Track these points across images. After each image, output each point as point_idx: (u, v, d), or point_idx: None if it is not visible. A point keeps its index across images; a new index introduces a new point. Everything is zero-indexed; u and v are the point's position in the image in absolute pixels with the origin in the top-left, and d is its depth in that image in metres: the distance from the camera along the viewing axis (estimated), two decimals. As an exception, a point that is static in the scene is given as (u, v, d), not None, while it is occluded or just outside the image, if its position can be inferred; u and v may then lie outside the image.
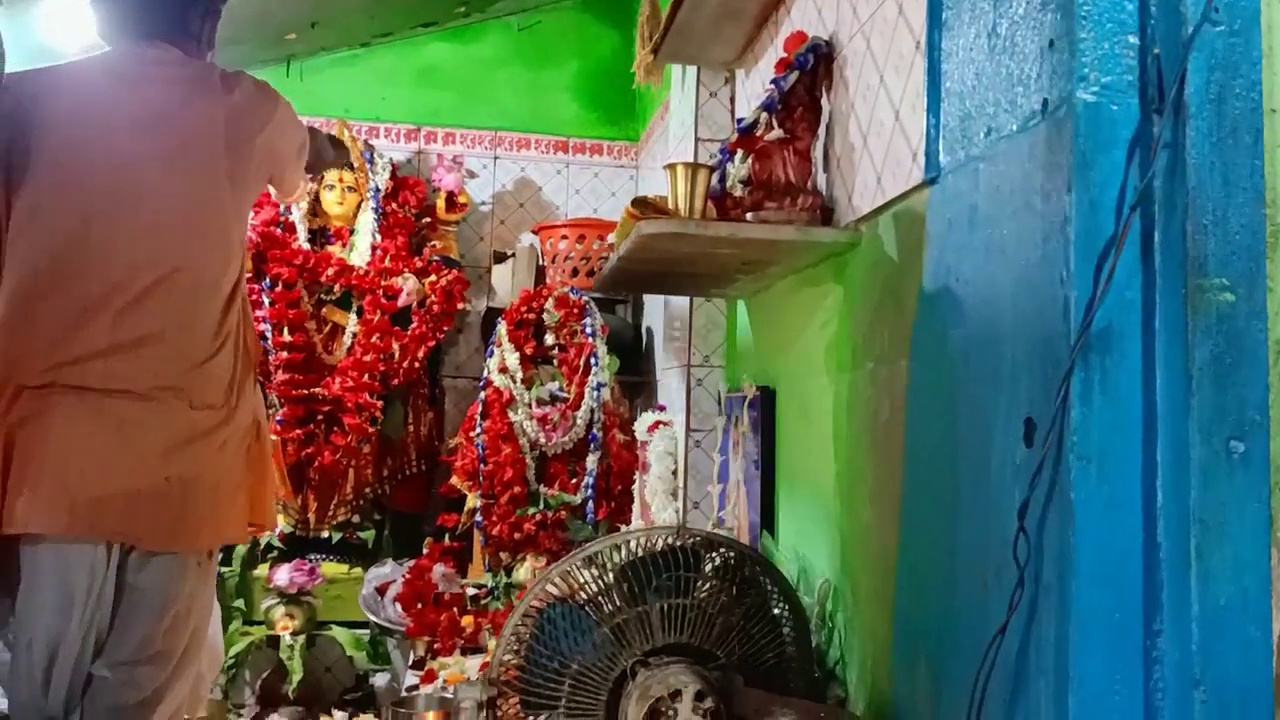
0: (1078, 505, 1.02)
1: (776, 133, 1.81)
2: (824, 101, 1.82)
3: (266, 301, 3.63)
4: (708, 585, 1.64)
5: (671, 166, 1.73)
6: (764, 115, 1.83)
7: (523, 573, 3.42)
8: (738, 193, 1.90)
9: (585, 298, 3.68)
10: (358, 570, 3.65)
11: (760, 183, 1.77)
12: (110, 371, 1.70)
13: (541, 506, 3.47)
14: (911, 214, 1.48)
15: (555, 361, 3.69)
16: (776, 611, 1.68)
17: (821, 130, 1.83)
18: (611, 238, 2.11)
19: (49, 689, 1.69)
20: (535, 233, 4.15)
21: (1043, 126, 1.11)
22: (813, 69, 1.78)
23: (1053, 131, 1.09)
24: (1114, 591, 1.02)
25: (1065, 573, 1.03)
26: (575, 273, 3.89)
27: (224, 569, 3.52)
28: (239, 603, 3.50)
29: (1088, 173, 1.04)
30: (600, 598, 1.64)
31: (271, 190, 2.18)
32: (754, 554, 1.73)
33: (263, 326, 3.63)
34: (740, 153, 1.93)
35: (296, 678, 3.31)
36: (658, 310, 3.70)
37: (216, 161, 1.84)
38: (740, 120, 1.90)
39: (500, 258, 4.23)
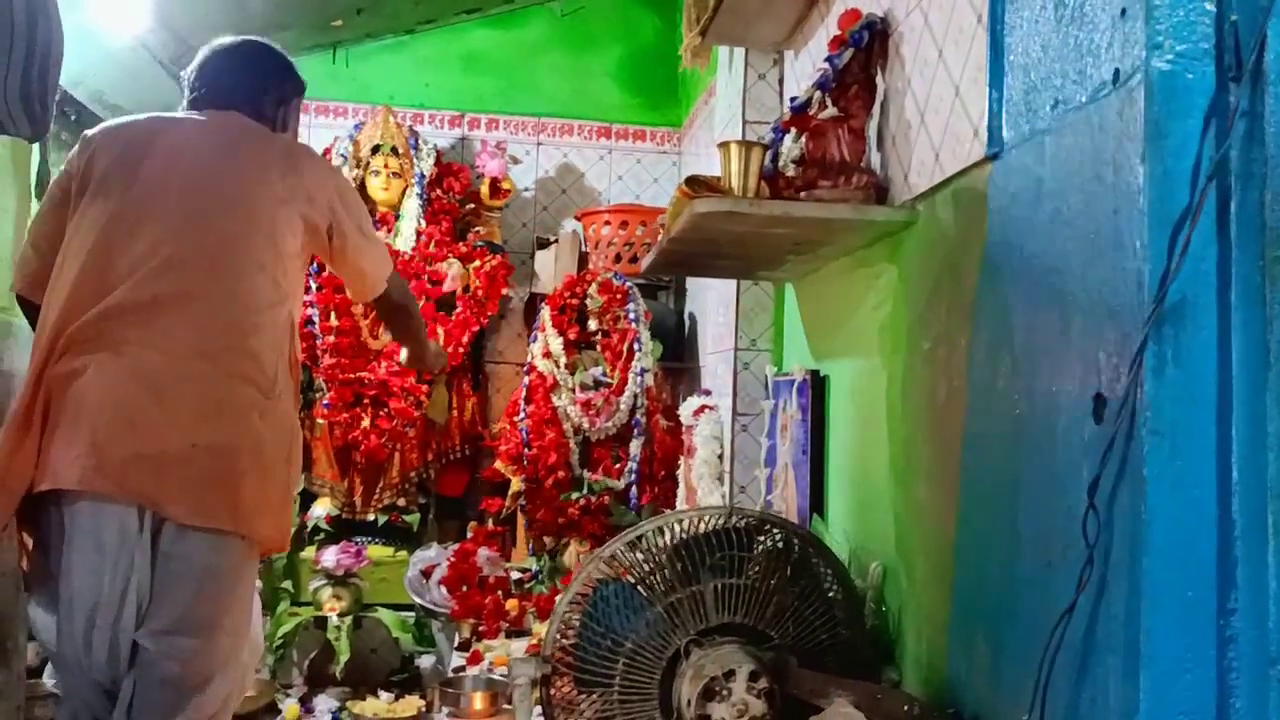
0: (1150, 481, 1.00)
1: (830, 111, 1.79)
2: (879, 79, 1.80)
3: (314, 286, 3.66)
4: (760, 566, 1.64)
5: (725, 145, 1.72)
6: (818, 93, 1.82)
7: (566, 557, 3.43)
8: (790, 172, 1.89)
9: (628, 283, 3.68)
10: (403, 553, 3.67)
11: (814, 161, 1.76)
12: (149, 329, 1.71)
13: (585, 491, 3.48)
14: (972, 190, 1.46)
15: (598, 347, 3.70)
16: (830, 593, 1.68)
17: (876, 108, 1.81)
18: (663, 219, 2.10)
19: (90, 650, 1.71)
20: (578, 219, 4.15)
21: (1114, 97, 1.09)
22: (868, 46, 1.76)
23: (1125, 101, 1.06)
24: (1187, 568, 1.00)
25: (1137, 550, 1.01)
26: (618, 259, 3.89)
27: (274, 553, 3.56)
28: (287, 584, 3.54)
29: (1162, 142, 1.02)
30: (653, 577, 1.64)
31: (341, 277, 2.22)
32: (807, 535, 1.72)
33: (310, 311, 3.66)
34: (793, 132, 1.92)
35: (344, 658, 3.34)
36: (701, 296, 3.69)
37: (270, 180, 1.91)
38: (793, 99, 1.88)
39: (543, 244, 4.24)
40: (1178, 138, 1.02)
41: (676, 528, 1.65)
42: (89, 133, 1.94)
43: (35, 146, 2.47)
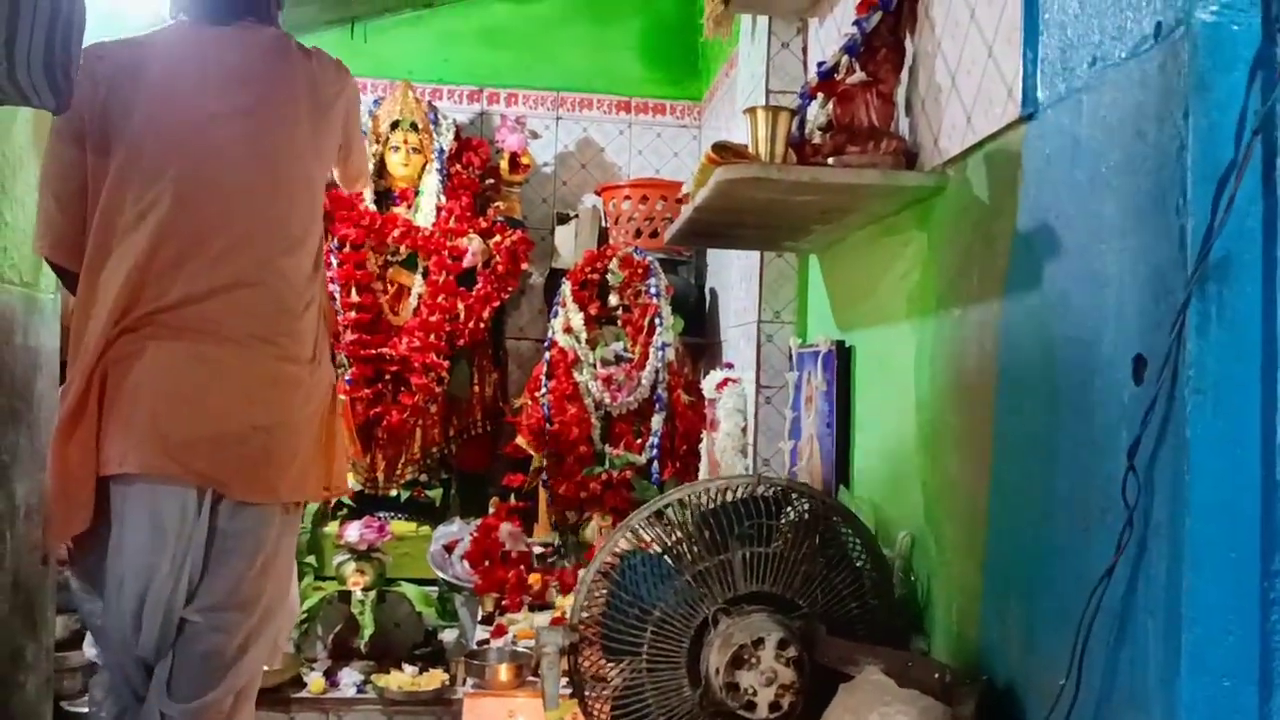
0: (1193, 441, 0.99)
1: (858, 76, 1.76)
2: (908, 43, 1.77)
3: (334, 262, 3.66)
4: (788, 534, 1.63)
5: (752, 110, 1.70)
6: (845, 58, 1.79)
7: (589, 532, 3.43)
8: (817, 139, 1.87)
9: (649, 258, 3.66)
10: (425, 528, 3.68)
11: (842, 127, 1.73)
12: (205, 315, 1.74)
13: (607, 466, 3.48)
14: (1005, 152, 1.43)
15: (619, 322, 3.69)
16: (859, 562, 1.67)
17: (905, 73, 1.78)
18: (686, 189, 2.08)
19: (140, 630, 1.72)
20: (598, 193, 4.14)
21: (1156, 51, 1.06)
22: (896, 9, 1.73)
23: (1168, 55, 1.04)
24: (1230, 530, 0.99)
25: (1179, 511, 1.00)
26: (638, 233, 3.87)
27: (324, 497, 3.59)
28: (311, 559, 3.56)
29: (1206, 96, 1.00)
30: (681, 546, 1.64)
31: (335, 173, 2.19)
32: (835, 503, 1.71)
33: (331, 287, 3.66)
34: (820, 98, 1.90)
35: (368, 632, 3.36)
36: (722, 271, 3.67)
37: (300, 119, 1.91)
38: (820, 64, 1.86)
39: (563, 219, 4.22)
40: (1222, 91, 1.00)
41: (704, 496, 1.65)
42: (88, 61, 1.80)
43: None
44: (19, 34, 1.72)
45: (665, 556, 1.63)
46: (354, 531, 3.44)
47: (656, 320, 3.57)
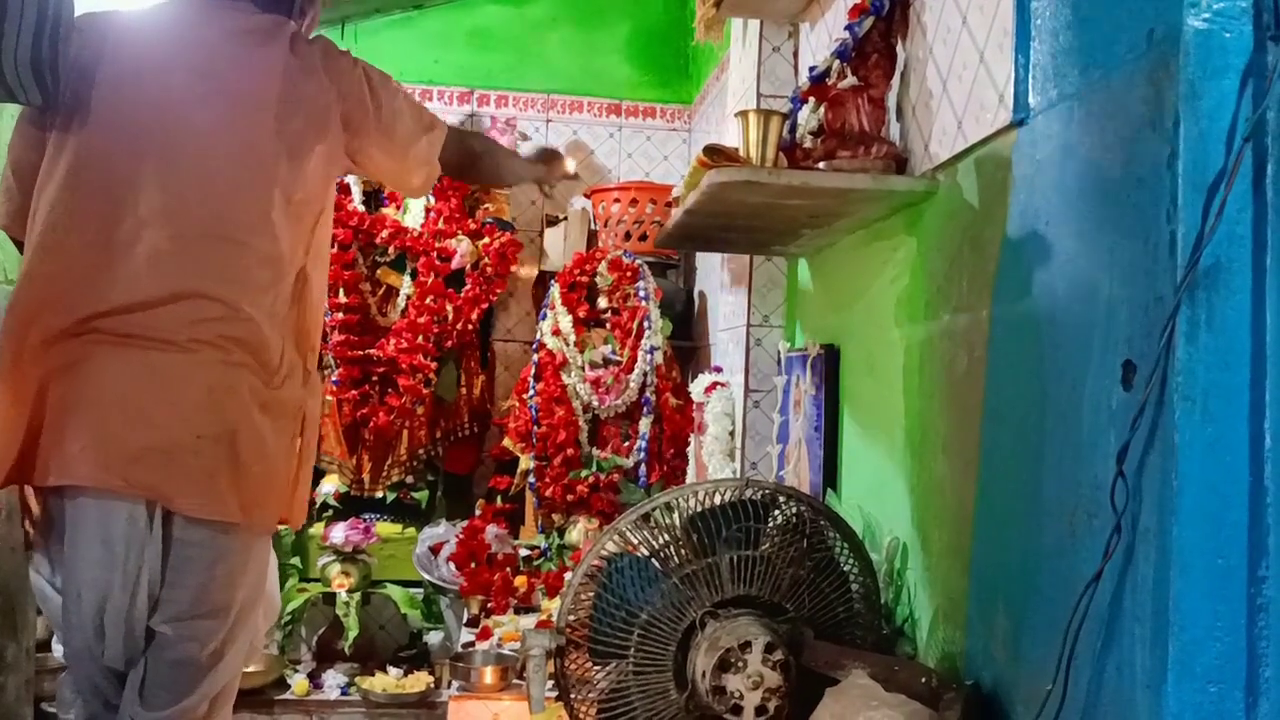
0: (1181, 447, 0.99)
1: (850, 80, 1.77)
2: (899, 48, 1.78)
3: (322, 262, 3.65)
4: (776, 538, 1.63)
5: (744, 114, 1.70)
6: (837, 63, 1.80)
7: (575, 534, 3.43)
8: (808, 144, 1.87)
9: (638, 261, 3.67)
10: (411, 530, 3.67)
11: (833, 131, 1.74)
12: (151, 322, 1.63)
13: (594, 469, 3.48)
14: (996, 158, 1.44)
15: (608, 325, 3.68)
16: (846, 566, 1.67)
17: (896, 78, 1.79)
18: (676, 190, 2.08)
19: (104, 639, 1.68)
20: (587, 196, 4.13)
21: (1147, 58, 1.07)
22: (889, 14, 1.74)
23: (1159, 62, 1.05)
24: (1218, 535, 0.99)
25: (1167, 517, 1.00)
26: (628, 236, 3.87)
27: (280, 527, 3.55)
28: (295, 560, 3.54)
29: (1197, 103, 1.00)
30: (668, 549, 1.63)
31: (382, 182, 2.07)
32: (823, 507, 1.71)
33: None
34: (811, 103, 1.90)
35: (352, 634, 3.34)
36: (710, 275, 3.67)
37: (264, 113, 1.74)
38: (811, 69, 1.86)
39: (552, 221, 4.22)
40: (1214, 98, 1.00)
41: (692, 499, 1.64)
42: (86, 28, 1.76)
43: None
44: (6, 32, 1.71)
45: (653, 559, 1.63)
46: (339, 533, 3.42)
47: (645, 323, 3.57)
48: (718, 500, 1.63)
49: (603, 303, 3.68)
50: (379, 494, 3.71)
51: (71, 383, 1.63)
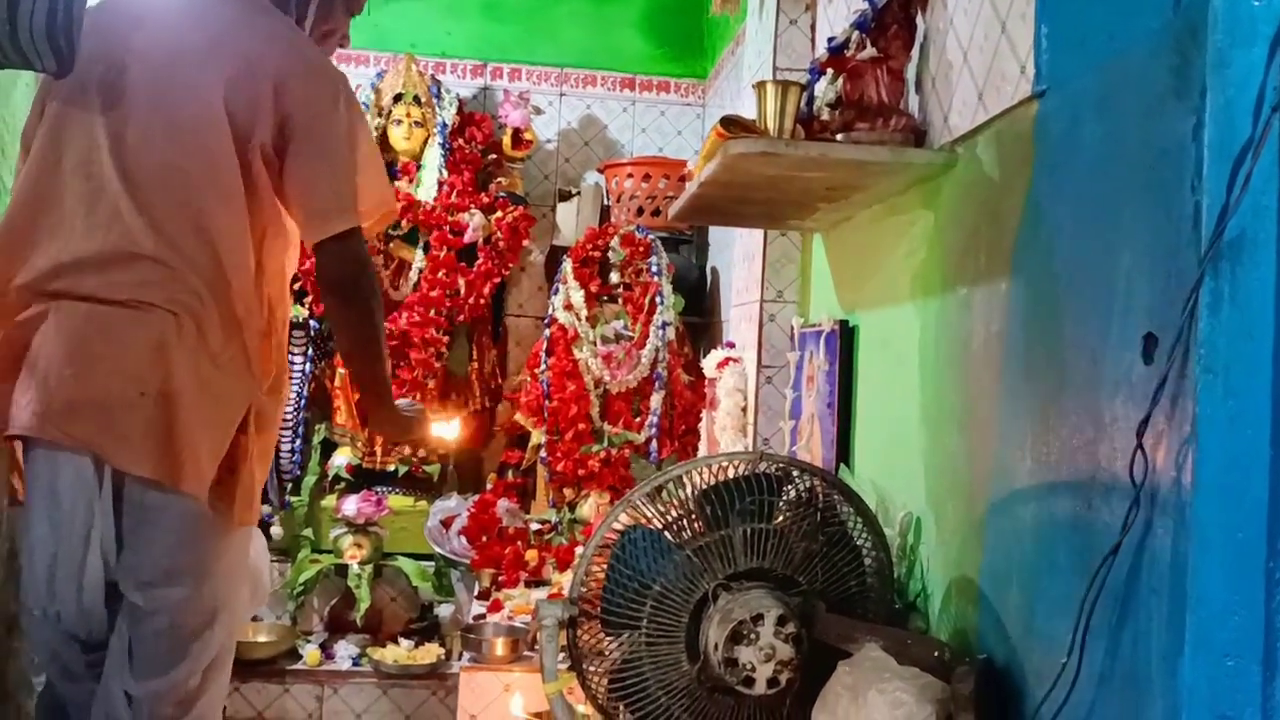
0: (1201, 420, 0.98)
1: (869, 52, 1.75)
2: (919, 19, 1.76)
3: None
4: (789, 512, 1.63)
5: (761, 85, 1.69)
6: (856, 34, 1.78)
7: (586, 509, 3.44)
8: (825, 115, 1.86)
9: (651, 236, 3.66)
10: (423, 503, 3.69)
11: (851, 103, 1.72)
12: (104, 281, 1.64)
13: (605, 444, 3.48)
14: (1016, 130, 1.42)
15: (620, 300, 3.68)
16: (859, 540, 1.66)
17: (915, 50, 1.77)
18: (690, 165, 2.07)
19: (55, 599, 1.67)
20: (600, 171, 4.12)
21: (1174, 26, 1.05)
22: (909, -15, 1.72)
23: (1184, 31, 1.03)
24: (1237, 510, 0.98)
25: (1185, 490, 0.99)
26: (640, 212, 3.86)
27: (293, 499, 3.58)
28: (308, 531, 3.56)
29: (1224, 72, 0.99)
30: (681, 521, 1.63)
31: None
32: (836, 481, 1.70)
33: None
34: (829, 74, 1.88)
35: (364, 606, 3.36)
36: (724, 251, 3.66)
37: (214, 89, 1.69)
38: (830, 40, 1.85)
39: (565, 196, 4.21)
40: (1241, 67, 0.99)
41: (706, 472, 1.64)
42: (95, 12, 1.74)
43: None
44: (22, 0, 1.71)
45: (665, 532, 1.63)
46: (351, 505, 3.43)
47: (657, 299, 3.57)
48: (731, 474, 1.63)
49: (615, 278, 3.68)
50: (391, 467, 3.72)
51: (32, 337, 1.65)
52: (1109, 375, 1.14)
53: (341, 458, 3.68)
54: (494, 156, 4.03)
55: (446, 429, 2.64)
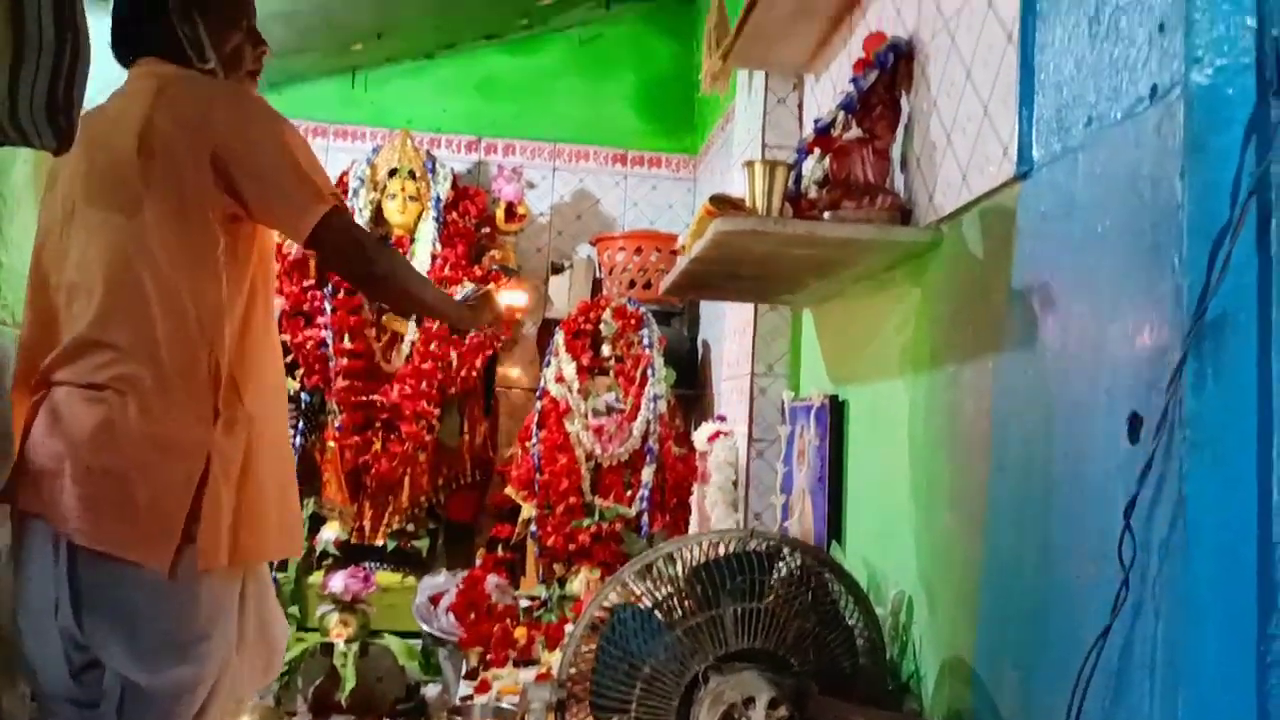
0: (1190, 499, 0.98)
1: (855, 132, 1.78)
2: (904, 101, 1.79)
3: (328, 308, 3.66)
4: (780, 590, 1.61)
5: (750, 164, 1.71)
6: (842, 114, 1.81)
7: (576, 584, 3.40)
8: (813, 194, 1.88)
9: (643, 309, 3.68)
10: (411, 579, 3.64)
11: (838, 182, 1.75)
12: (74, 369, 1.72)
13: (596, 518, 3.45)
14: (1000, 210, 1.44)
15: (612, 372, 3.68)
16: (851, 620, 1.65)
17: (900, 130, 1.80)
18: (682, 239, 2.09)
19: (28, 661, 1.73)
20: (593, 244, 4.15)
21: (1152, 111, 1.07)
22: (893, 67, 1.75)
23: (1164, 116, 1.05)
24: (1228, 590, 0.98)
25: (1176, 570, 0.99)
26: (632, 284, 3.89)
27: (279, 575, 3.53)
28: (294, 609, 3.51)
29: (1202, 156, 1.01)
30: (671, 600, 1.62)
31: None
32: (827, 559, 1.69)
33: (324, 333, 3.65)
34: (816, 153, 1.91)
35: (349, 686, 3.30)
36: (715, 323, 3.68)
37: (130, 163, 1.72)
38: (817, 120, 1.88)
39: (557, 269, 4.24)
40: (1218, 152, 1.00)
41: (695, 550, 1.63)
42: None
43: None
44: (22, 76, 1.73)
45: (655, 611, 1.61)
46: (338, 582, 3.39)
47: (649, 371, 3.58)
48: (721, 551, 1.61)
49: (606, 350, 3.69)
50: (379, 542, 3.69)
51: (28, 423, 1.76)
52: (1096, 454, 1.14)
53: (330, 532, 3.64)
54: (487, 230, 4.07)
55: (514, 297, 2.59)
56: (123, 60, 1.86)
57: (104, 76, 1.94)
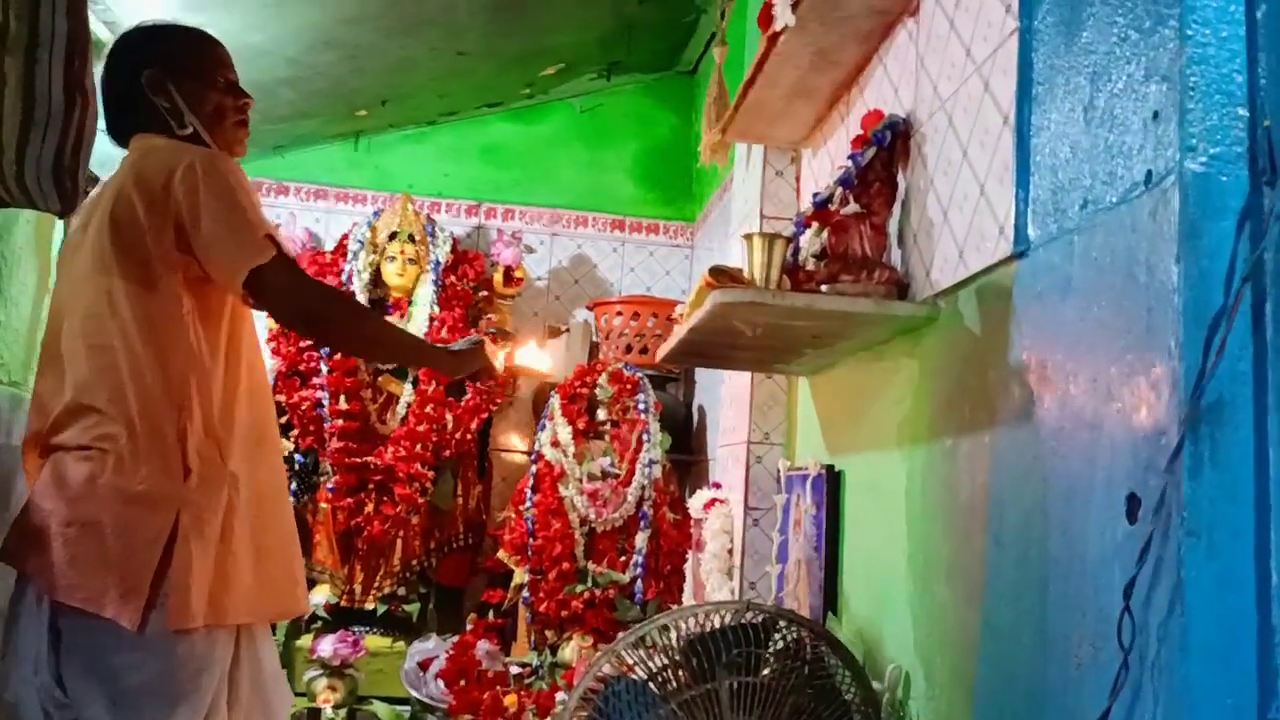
0: (1189, 582, 0.98)
1: (853, 207, 1.81)
2: (901, 177, 1.82)
3: (324, 369, 3.67)
4: (776, 664, 1.60)
5: (749, 236, 1.73)
6: (840, 189, 1.84)
7: (568, 652, 3.36)
8: (810, 266, 1.90)
9: (639, 374, 3.69)
10: (401, 644, 3.60)
11: (836, 256, 1.77)
12: (66, 434, 1.76)
13: (589, 584, 3.43)
14: (997, 287, 1.46)
15: (607, 437, 3.68)
16: (848, 695, 1.63)
17: (898, 206, 1.83)
18: (681, 308, 2.10)
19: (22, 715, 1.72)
20: (590, 309, 4.18)
21: (1146, 197, 1.10)
22: (890, 145, 1.78)
23: (1158, 202, 1.07)
24: (1227, 674, 0.97)
25: (1175, 653, 0.99)
26: (629, 349, 3.90)
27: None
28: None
29: (1196, 243, 1.03)
30: (666, 672, 1.60)
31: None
32: (823, 632, 1.68)
33: (320, 394, 3.66)
34: (814, 226, 1.94)
35: (336, 752, 3.25)
36: (711, 389, 3.69)
37: (105, 233, 1.78)
38: (815, 195, 1.91)
39: (554, 333, 4.26)
40: (1212, 238, 1.02)
41: (691, 621, 1.62)
42: None
43: (59, 224, 2.48)
44: (31, 139, 1.76)
45: (650, 683, 1.60)
46: (327, 646, 3.35)
47: (644, 436, 3.58)
48: (716, 623, 1.60)
49: (602, 415, 3.69)
50: (369, 605, 3.65)
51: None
52: (1094, 534, 1.15)
53: (319, 595, 3.60)
54: (485, 293, 4.09)
55: (537, 359, 2.40)
56: (120, 142, 1.93)
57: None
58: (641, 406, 3.65)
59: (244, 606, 1.80)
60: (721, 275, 1.75)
